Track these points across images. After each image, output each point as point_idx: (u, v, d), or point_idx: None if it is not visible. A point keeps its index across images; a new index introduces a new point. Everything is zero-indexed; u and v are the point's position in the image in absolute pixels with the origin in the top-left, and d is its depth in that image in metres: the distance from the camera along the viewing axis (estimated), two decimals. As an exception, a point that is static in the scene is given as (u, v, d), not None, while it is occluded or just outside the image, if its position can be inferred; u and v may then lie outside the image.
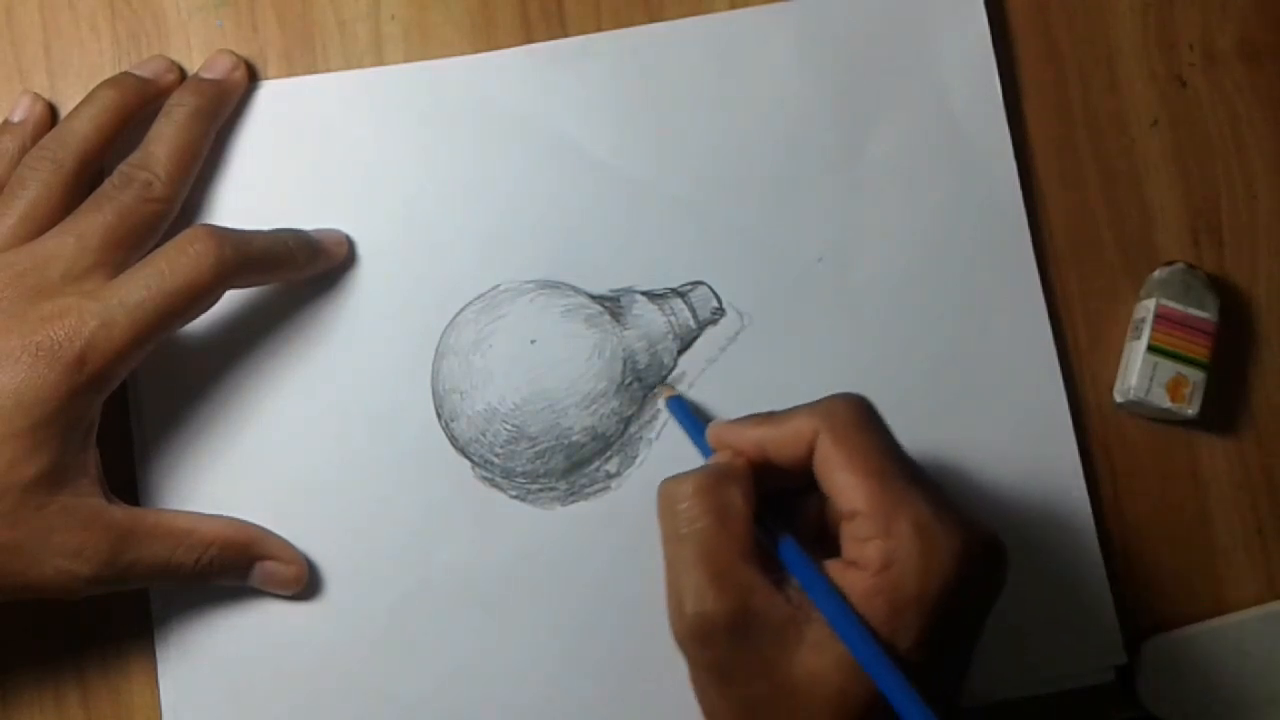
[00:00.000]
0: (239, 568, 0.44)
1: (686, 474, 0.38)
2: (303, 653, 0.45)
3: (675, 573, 0.36)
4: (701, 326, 0.47)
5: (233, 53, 0.47)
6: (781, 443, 0.38)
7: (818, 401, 0.38)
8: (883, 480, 0.36)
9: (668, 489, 0.37)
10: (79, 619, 0.45)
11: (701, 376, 0.47)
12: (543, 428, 0.46)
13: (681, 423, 0.44)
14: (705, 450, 0.41)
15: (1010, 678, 0.46)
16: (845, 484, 0.36)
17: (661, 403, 0.46)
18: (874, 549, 0.35)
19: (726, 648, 0.35)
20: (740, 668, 0.35)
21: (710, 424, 0.40)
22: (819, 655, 0.35)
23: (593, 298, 0.47)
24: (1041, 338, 0.47)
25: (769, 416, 0.39)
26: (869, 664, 0.34)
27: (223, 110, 0.46)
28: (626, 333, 0.46)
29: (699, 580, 0.35)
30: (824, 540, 0.38)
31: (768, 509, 0.38)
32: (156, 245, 0.42)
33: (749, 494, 0.37)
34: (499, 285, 0.47)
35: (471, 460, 0.46)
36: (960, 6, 0.48)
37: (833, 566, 0.36)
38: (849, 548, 0.36)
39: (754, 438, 0.38)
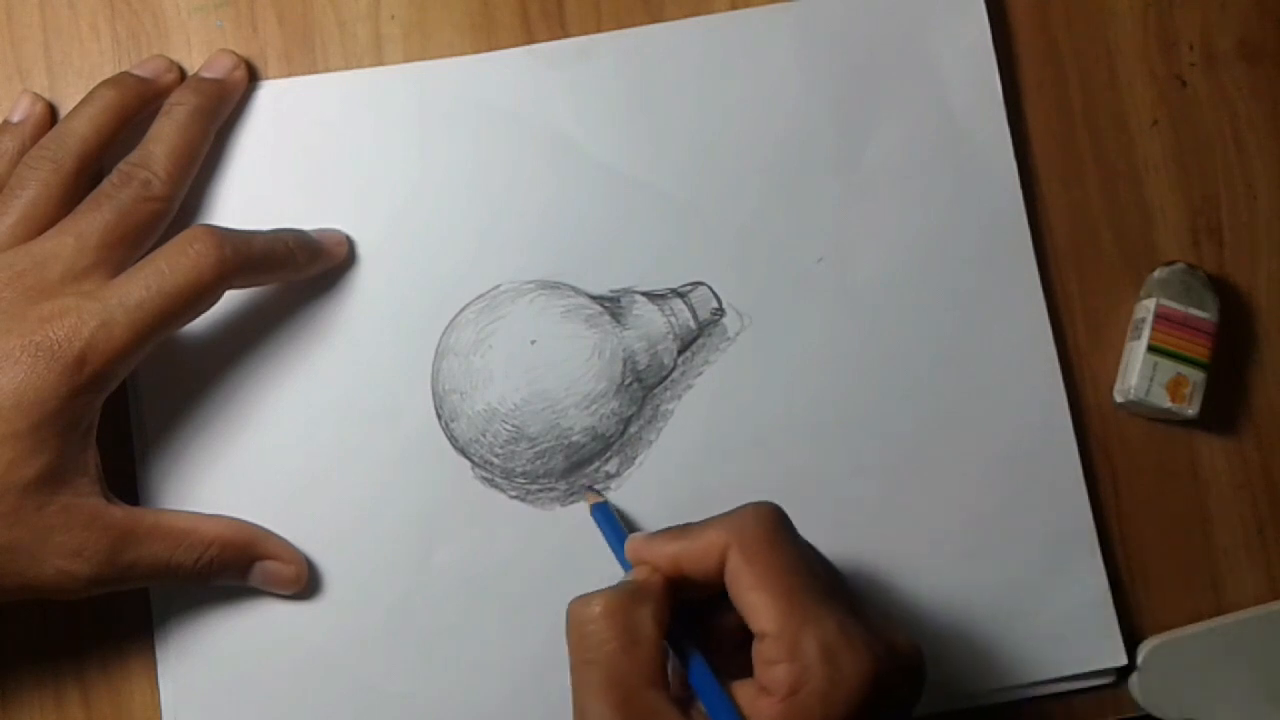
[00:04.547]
0: (239, 568, 0.44)
1: (596, 594, 0.37)
2: (303, 652, 0.45)
3: (581, 698, 0.36)
4: (701, 327, 0.47)
5: (233, 52, 0.47)
6: (695, 557, 0.37)
7: (730, 513, 0.38)
8: (790, 600, 0.35)
9: (575, 610, 0.37)
10: (79, 619, 0.45)
11: (701, 377, 0.47)
12: (542, 428, 0.46)
13: (604, 533, 0.43)
14: (625, 564, 0.40)
15: (1010, 678, 0.46)
16: (754, 603, 0.36)
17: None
18: (781, 673, 0.35)
19: None
20: None
21: (628, 539, 0.40)
22: None
23: (593, 298, 0.47)
24: (1041, 338, 0.47)
25: (685, 530, 0.38)
26: None
27: (223, 110, 0.46)
28: (626, 333, 0.46)
29: (606, 709, 0.35)
30: (746, 648, 0.37)
31: (684, 622, 0.37)
32: (156, 245, 0.42)
33: (660, 614, 0.37)
34: (499, 285, 0.47)
35: (471, 460, 0.46)
36: (960, 6, 0.48)
37: (743, 690, 0.36)
38: (759, 670, 0.36)
39: (669, 553, 0.38)
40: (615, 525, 0.43)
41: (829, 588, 0.37)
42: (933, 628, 0.45)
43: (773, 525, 0.37)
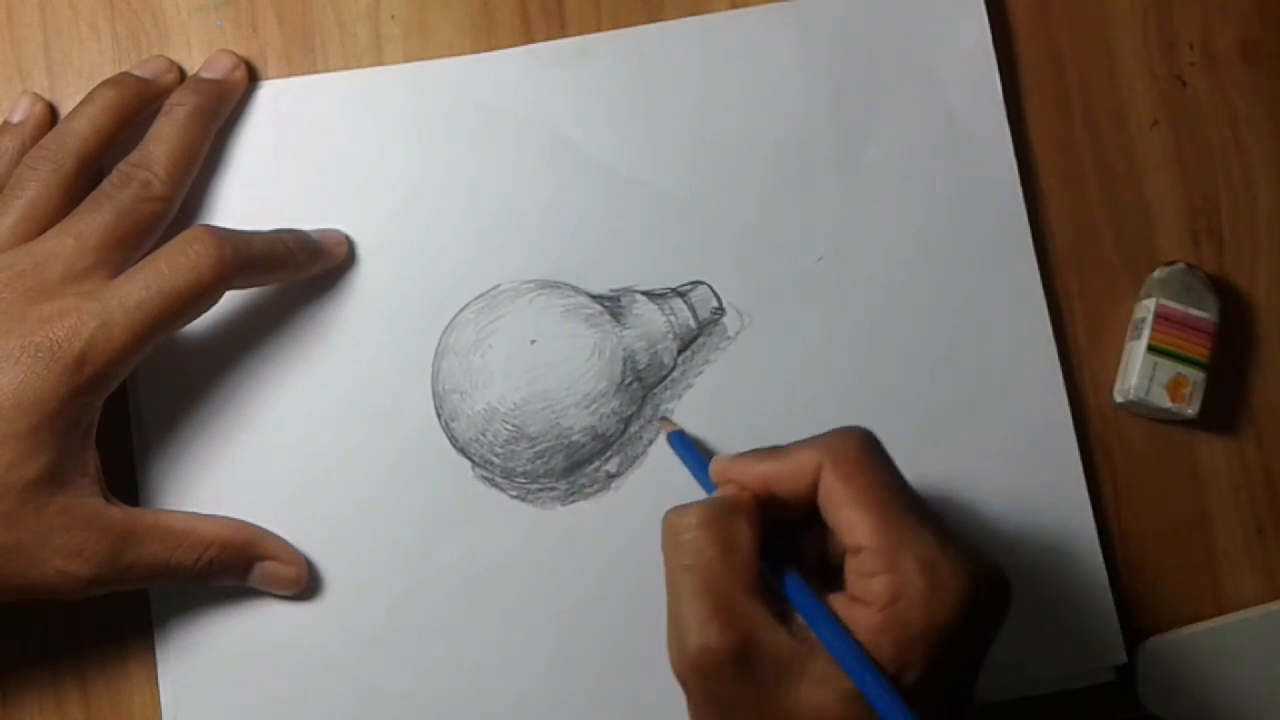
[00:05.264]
0: (238, 568, 0.44)
1: (691, 504, 0.37)
2: (303, 653, 0.45)
3: (678, 604, 0.36)
4: (701, 326, 0.47)
5: (233, 53, 0.47)
6: (786, 477, 0.37)
7: (821, 435, 0.38)
8: (888, 515, 0.36)
9: (672, 519, 0.37)
10: (79, 619, 0.45)
11: (701, 376, 0.47)
12: (543, 428, 0.46)
13: (683, 458, 0.44)
14: (708, 485, 0.40)
15: (1010, 678, 0.46)
16: (851, 519, 0.36)
17: (662, 437, 0.46)
18: (880, 584, 0.35)
19: (728, 682, 0.35)
20: (741, 702, 0.35)
21: (714, 459, 0.40)
22: (822, 689, 0.35)
23: (593, 298, 0.47)
24: (1041, 338, 0.47)
25: (773, 451, 0.38)
26: (877, 699, 0.34)
27: (223, 110, 0.46)
28: (626, 333, 0.46)
29: (702, 613, 0.35)
30: (826, 574, 0.38)
31: (771, 543, 0.38)
32: (156, 245, 0.42)
33: (755, 527, 0.37)
34: (499, 285, 0.47)
35: (471, 460, 0.46)
36: (960, 6, 0.48)
37: (837, 601, 0.36)
38: (854, 583, 0.36)
39: (758, 472, 0.38)
40: (694, 451, 0.43)
41: (922, 507, 0.37)
42: (933, 628, 0.45)
43: (867, 445, 0.37)
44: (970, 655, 0.37)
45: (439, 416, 0.46)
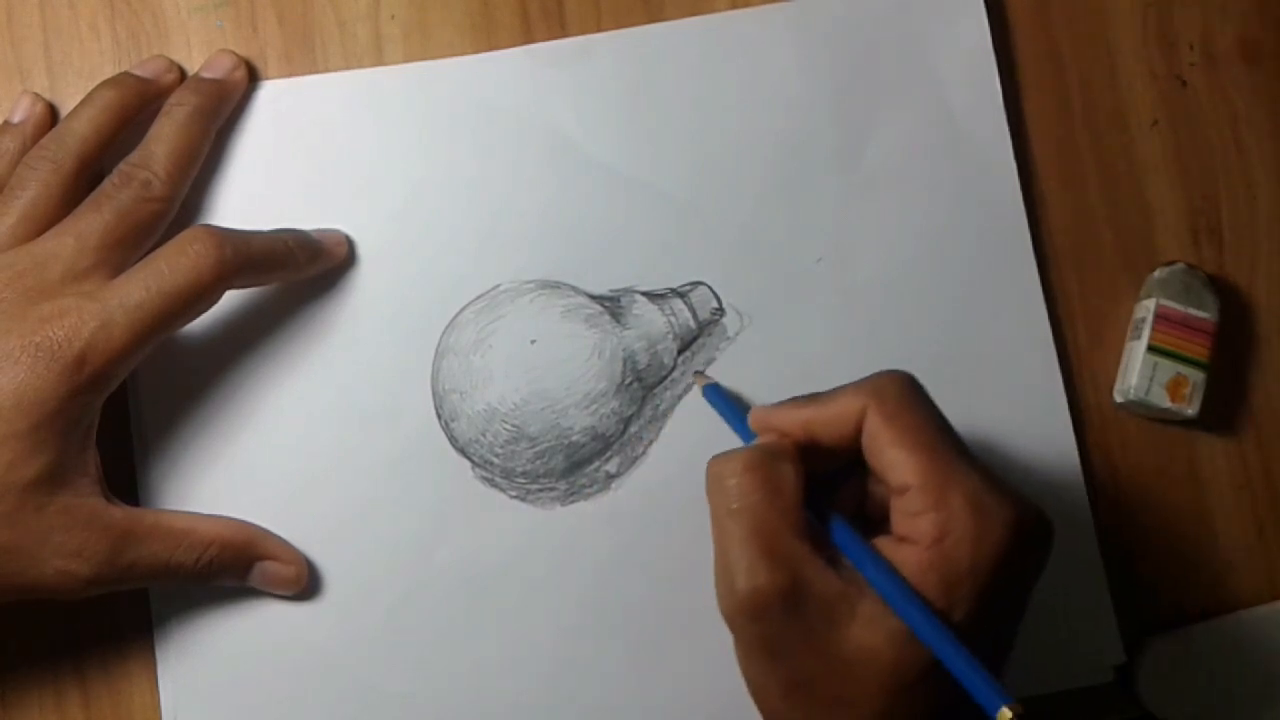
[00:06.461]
0: (238, 568, 0.44)
1: (735, 451, 0.37)
2: (303, 652, 0.45)
3: (725, 549, 0.36)
4: (701, 326, 0.47)
5: (233, 53, 0.47)
6: (828, 422, 0.38)
7: (864, 380, 0.38)
8: (933, 454, 0.36)
9: (717, 466, 0.37)
10: (79, 619, 0.45)
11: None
12: (543, 428, 0.46)
13: (720, 410, 0.44)
14: (746, 436, 0.40)
15: (1010, 678, 0.45)
16: (896, 459, 0.36)
17: (697, 389, 0.46)
18: (927, 522, 0.35)
19: (778, 623, 0.35)
20: (791, 643, 0.35)
21: (753, 408, 0.40)
22: (872, 630, 0.35)
23: (593, 298, 0.47)
24: (1041, 338, 0.47)
25: (814, 397, 0.39)
26: (929, 637, 0.34)
27: (223, 110, 0.46)
28: (626, 333, 0.46)
29: (751, 555, 0.35)
30: (863, 525, 0.38)
31: (811, 495, 0.38)
32: (156, 245, 0.42)
33: (799, 470, 0.37)
34: (499, 285, 0.47)
35: (471, 460, 0.46)
36: (960, 6, 0.48)
37: (883, 543, 0.37)
38: (900, 523, 0.36)
39: (800, 418, 0.38)
40: (730, 403, 0.43)
41: (965, 448, 0.37)
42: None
43: (909, 387, 0.38)
44: (1015, 596, 0.37)
45: (439, 416, 0.46)
